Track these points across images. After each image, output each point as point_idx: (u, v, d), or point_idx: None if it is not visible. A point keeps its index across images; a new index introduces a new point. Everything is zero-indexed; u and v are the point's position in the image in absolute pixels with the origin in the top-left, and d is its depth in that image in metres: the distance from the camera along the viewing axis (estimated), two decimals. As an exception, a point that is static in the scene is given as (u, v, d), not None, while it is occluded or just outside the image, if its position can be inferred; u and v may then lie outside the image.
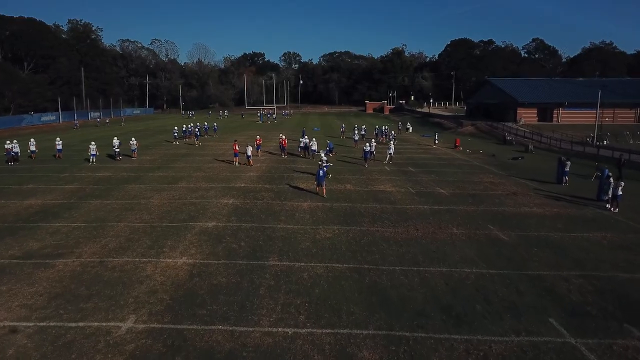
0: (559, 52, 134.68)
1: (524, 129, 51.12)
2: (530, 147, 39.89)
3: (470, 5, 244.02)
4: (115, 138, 31.90)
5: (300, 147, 33.49)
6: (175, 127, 42.64)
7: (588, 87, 66.15)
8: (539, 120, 60.53)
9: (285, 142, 33.34)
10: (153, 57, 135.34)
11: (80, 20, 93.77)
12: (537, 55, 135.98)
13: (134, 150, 31.42)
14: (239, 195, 20.42)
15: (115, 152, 30.81)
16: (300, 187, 22.18)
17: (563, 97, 61.72)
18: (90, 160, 29.41)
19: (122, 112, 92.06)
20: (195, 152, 35.37)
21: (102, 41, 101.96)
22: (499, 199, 20.40)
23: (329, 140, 38.91)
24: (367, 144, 29.89)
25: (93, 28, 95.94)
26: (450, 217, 17.12)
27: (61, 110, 69.24)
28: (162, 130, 55.68)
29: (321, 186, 20.28)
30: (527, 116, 60.24)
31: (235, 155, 29.14)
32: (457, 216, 17.35)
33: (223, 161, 30.66)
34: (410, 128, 60.53)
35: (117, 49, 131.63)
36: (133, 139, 32.03)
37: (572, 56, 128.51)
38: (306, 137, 35.01)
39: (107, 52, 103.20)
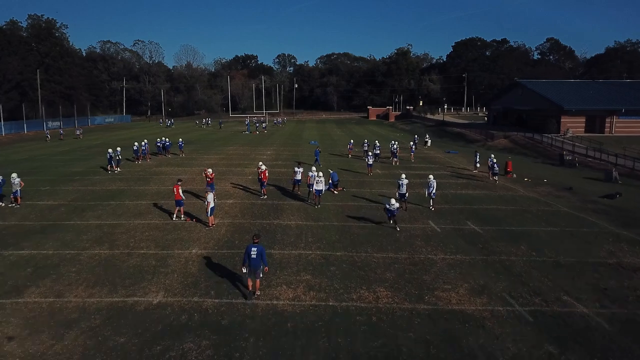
0: (576, 52, 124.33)
1: (583, 146, 39.44)
2: (615, 174, 28.32)
3: (473, 9, 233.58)
4: None
5: (307, 184, 20.81)
6: (110, 150, 28.87)
7: (640, 91, 55.11)
8: (586, 131, 49.13)
9: (265, 174, 21.40)
10: (137, 59, 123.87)
11: (42, 16, 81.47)
12: (551, 57, 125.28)
13: (15, 193, 19.32)
14: (131, 354, 8.58)
15: None
16: (282, 298, 10.50)
17: (615, 102, 50.38)
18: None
19: (89, 120, 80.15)
20: (132, 190, 23.41)
21: (69, 40, 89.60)
22: None
23: (331, 168, 27.31)
24: (393, 200, 16.15)
25: (57, 25, 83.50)
26: None
27: (4, 121, 56.99)
28: (122, 146, 42.02)
29: (255, 278, 10.71)
30: (573, 126, 48.80)
31: (178, 204, 17.37)
32: None
33: (162, 209, 18.86)
34: (429, 141, 48.89)
35: (97, 50, 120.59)
36: (14, 175, 19.75)
37: (589, 57, 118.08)
38: (313, 168, 21.89)
39: (74, 53, 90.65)
